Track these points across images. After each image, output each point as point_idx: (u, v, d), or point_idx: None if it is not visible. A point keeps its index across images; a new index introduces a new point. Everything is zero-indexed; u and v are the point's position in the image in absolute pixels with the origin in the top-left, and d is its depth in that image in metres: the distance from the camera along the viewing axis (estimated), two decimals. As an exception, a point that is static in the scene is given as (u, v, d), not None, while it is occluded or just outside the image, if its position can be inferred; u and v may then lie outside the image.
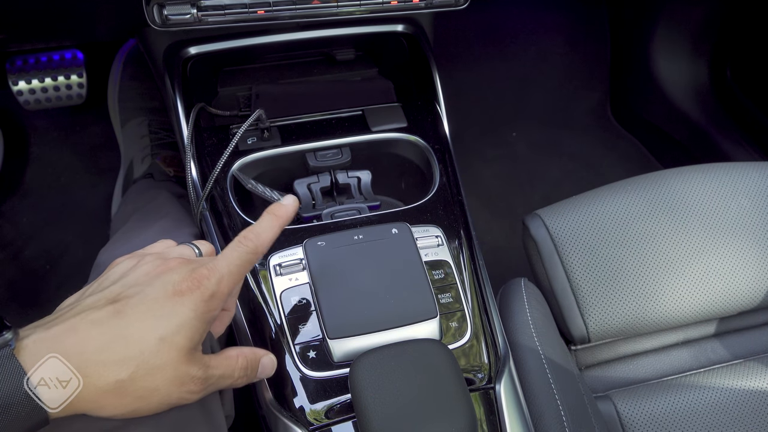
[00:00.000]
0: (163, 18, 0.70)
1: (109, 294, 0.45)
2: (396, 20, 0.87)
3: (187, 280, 0.45)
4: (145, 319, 0.43)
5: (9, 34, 0.86)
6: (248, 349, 0.51)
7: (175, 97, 0.80)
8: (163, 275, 0.46)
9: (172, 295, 0.44)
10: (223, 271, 0.47)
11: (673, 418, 0.72)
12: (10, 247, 1.27)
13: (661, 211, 0.82)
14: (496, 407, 0.60)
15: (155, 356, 0.43)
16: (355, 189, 0.77)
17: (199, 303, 0.45)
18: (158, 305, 0.44)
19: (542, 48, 1.63)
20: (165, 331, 0.43)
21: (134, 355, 0.42)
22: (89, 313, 0.43)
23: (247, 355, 0.50)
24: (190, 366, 0.45)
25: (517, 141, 1.58)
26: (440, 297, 0.63)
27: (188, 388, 0.45)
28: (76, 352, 0.41)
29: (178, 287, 0.45)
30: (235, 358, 0.49)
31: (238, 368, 0.49)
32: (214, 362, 0.47)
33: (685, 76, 1.48)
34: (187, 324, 0.44)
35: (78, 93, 1.22)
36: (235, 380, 0.49)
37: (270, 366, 0.53)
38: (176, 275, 0.46)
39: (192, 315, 0.44)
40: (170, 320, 0.43)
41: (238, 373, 0.49)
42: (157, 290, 0.45)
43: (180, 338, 0.43)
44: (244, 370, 0.50)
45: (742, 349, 0.85)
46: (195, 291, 0.45)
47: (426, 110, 0.84)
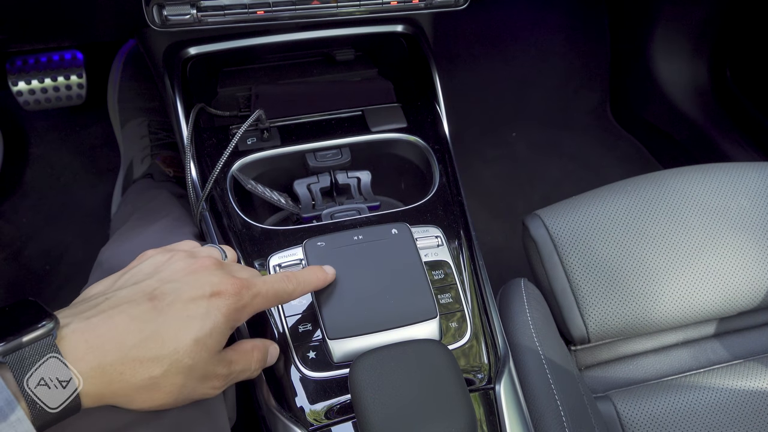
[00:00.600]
0: (163, 18, 0.70)
1: (146, 287, 0.45)
2: (396, 20, 0.87)
3: (226, 283, 0.46)
4: (181, 318, 0.44)
5: (9, 35, 0.86)
6: (259, 341, 0.53)
7: (174, 98, 0.80)
8: (199, 274, 0.47)
9: (210, 296, 0.45)
10: (261, 288, 0.49)
11: (672, 418, 0.72)
12: (10, 248, 1.27)
13: (660, 211, 0.82)
14: (496, 408, 0.60)
15: (188, 356, 0.44)
16: (355, 189, 0.77)
17: (232, 309, 0.46)
18: (194, 305, 0.45)
19: (542, 48, 1.63)
20: (199, 332, 0.44)
21: (168, 353, 0.43)
22: (128, 306, 0.44)
23: (260, 347, 0.52)
24: (217, 365, 0.46)
25: (517, 141, 1.58)
26: (440, 297, 0.63)
27: (212, 384, 0.47)
28: (115, 346, 0.42)
29: (217, 288, 0.46)
30: (251, 351, 0.51)
31: (254, 361, 0.51)
32: (235, 357, 0.49)
33: (685, 76, 1.49)
34: (218, 327, 0.45)
35: (78, 93, 1.22)
36: (252, 372, 0.51)
37: (275, 355, 0.55)
38: (215, 277, 0.47)
39: (223, 320, 0.45)
40: (204, 322, 0.44)
41: (254, 365, 0.51)
42: (194, 289, 0.45)
43: (212, 341, 0.45)
44: (260, 363, 0.52)
45: (742, 350, 0.85)
46: (231, 297, 0.46)
47: (426, 110, 0.84)
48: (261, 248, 0.66)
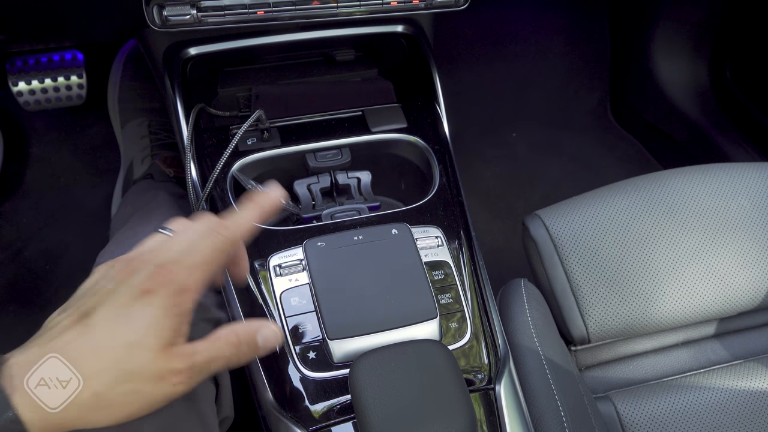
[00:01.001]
0: (163, 19, 0.70)
1: (80, 306, 0.44)
2: (396, 21, 0.87)
3: (150, 278, 0.44)
4: (112, 327, 0.42)
5: (9, 35, 0.86)
6: (241, 324, 0.48)
7: (174, 98, 0.80)
8: (128, 278, 0.45)
9: (139, 296, 0.43)
10: (193, 261, 0.46)
11: (672, 418, 0.72)
12: (10, 248, 1.27)
13: (661, 211, 0.82)
14: (496, 408, 0.60)
15: (128, 362, 0.42)
16: (355, 190, 0.77)
17: (166, 300, 0.44)
18: (123, 311, 0.43)
19: (542, 48, 1.63)
20: (133, 335, 0.42)
21: (107, 366, 0.41)
22: (62, 332, 0.43)
23: (239, 330, 0.47)
24: (170, 361, 0.43)
25: (517, 141, 1.58)
26: (440, 297, 0.63)
27: (171, 381, 0.44)
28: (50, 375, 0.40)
29: (143, 287, 0.44)
30: (224, 338, 0.47)
31: (228, 347, 0.46)
32: (199, 348, 0.45)
33: (685, 76, 1.49)
34: (155, 323, 0.43)
35: (78, 94, 1.22)
36: (228, 360, 0.47)
37: (272, 336, 0.49)
38: (141, 276, 0.44)
39: (160, 313, 0.43)
40: (137, 324, 0.43)
41: (229, 352, 0.46)
42: (122, 295, 0.44)
43: (150, 339, 0.43)
44: (237, 348, 0.47)
45: (742, 350, 0.85)
46: (162, 288, 0.44)
47: (426, 111, 0.84)
48: (261, 248, 0.66)
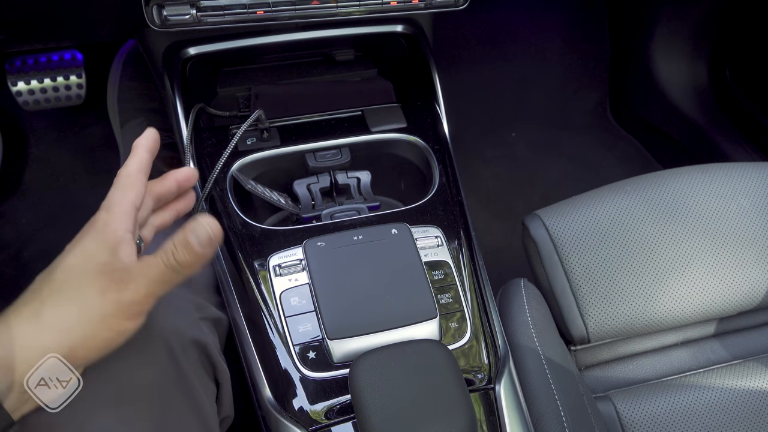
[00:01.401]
0: (163, 18, 0.70)
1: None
2: (395, 21, 0.87)
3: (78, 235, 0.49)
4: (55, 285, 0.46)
5: (8, 35, 0.86)
6: (168, 241, 0.48)
7: (174, 98, 0.79)
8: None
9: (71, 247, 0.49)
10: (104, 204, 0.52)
11: (672, 418, 0.72)
12: (9, 248, 1.27)
13: (660, 211, 0.82)
14: (496, 408, 0.60)
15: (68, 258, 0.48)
16: (355, 189, 0.77)
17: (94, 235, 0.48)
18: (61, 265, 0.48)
19: (541, 48, 1.63)
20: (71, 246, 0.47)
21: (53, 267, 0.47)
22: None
23: (166, 247, 0.47)
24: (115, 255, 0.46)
25: (517, 141, 1.58)
26: (440, 297, 0.63)
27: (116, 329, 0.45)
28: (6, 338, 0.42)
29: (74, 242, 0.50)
30: (154, 259, 0.47)
31: (166, 257, 0.46)
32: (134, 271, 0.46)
33: (685, 76, 1.49)
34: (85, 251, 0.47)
35: (77, 94, 1.22)
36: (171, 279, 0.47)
37: (202, 231, 0.46)
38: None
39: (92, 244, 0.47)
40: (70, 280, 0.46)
41: (168, 261, 0.46)
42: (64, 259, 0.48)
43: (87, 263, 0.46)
44: (173, 254, 0.46)
45: (742, 350, 0.85)
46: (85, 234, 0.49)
47: (425, 111, 0.84)
48: (261, 248, 0.66)
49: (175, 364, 0.52)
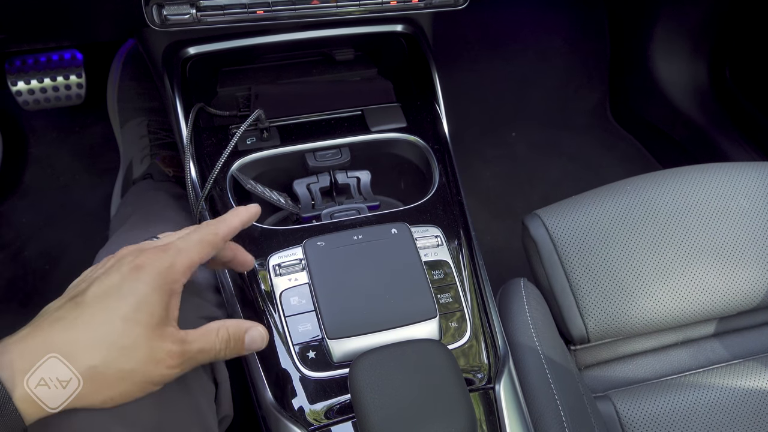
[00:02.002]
0: (162, 18, 0.70)
1: (73, 292, 0.46)
2: (395, 20, 0.87)
3: (143, 256, 0.46)
4: (104, 303, 0.43)
5: (8, 35, 0.86)
6: (232, 321, 0.50)
7: (174, 98, 0.79)
8: (118, 262, 0.46)
9: (128, 273, 0.45)
10: (180, 245, 0.48)
11: (672, 417, 0.72)
12: (9, 248, 1.27)
13: (660, 211, 0.82)
14: (496, 407, 0.60)
15: (123, 337, 0.43)
16: (355, 189, 0.77)
17: (155, 276, 0.45)
18: (115, 288, 0.44)
19: (542, 48, 1.63)
20: (125, 310, 0.43)
21: (101, 338, 0.42)
22: (51, 312, 0.44)
23: (230, 327, 0.49)
24: (163, 342, 0.44)
25: (517, 141, 1.58)
26: (440, 297, 0.63)
27: (166, 363, 0.44)
28: (43, 349, 0.41)
29: (133, 264, 0.45)
30: (215, 331, 0.48)
31: (219, 341, 0.48)
32: (191, 336, 0.47)
33: (685, 76, 1.49)
34: (145, 300, 0.44)
35: (77, 93, 1.22)
36: (216, 353, 0.48)
37: (259, 338, 0.51)
38: (131, 256, 0.46)
39: (149, 290, 0.44)
40: (128, 299, 0.43)
41: (219, 345, 0.48)
42: (112, 275, 0.45)
43: (142, 315, 0.43)
44: (226, 343, 0.49)
45: (741, 349, 0.85)
46: (149, 265, 0.45)
47: (425, 110, 0.84)
48: (260, 248, 0.66)
49: None
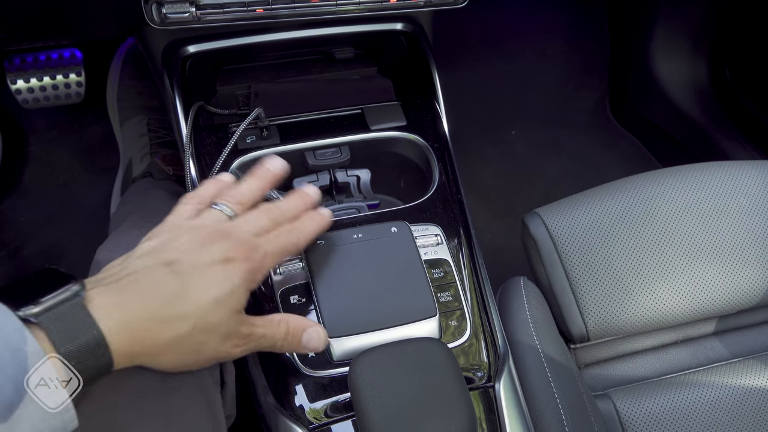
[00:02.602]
0: (162, 16, 0.70)
1: (160, 257, 0.47)
2: (395, 19, 0.87)
3: (235, 249, 0.48)
4: (201, 280, 0.46)
5: (7, 33, 0.86)
6: (294, 317, 0.53)
7: (173, 96, 0.79)
8: (208, 244, 0.48)
9: (223, 261, 0.47)
10: (267, 248, 0.51)
11: (672, 416, 0.72)
12: (8, 246, 1.27)
13: (660, 209, 0.82)
14: (496, 406, 0.60)
15: (211, 314, 0.46)
16: (355, 188, 0.77)
17: (246, 272, 0.48)
18: (211, 269, 0.47)
19: (541, 47, 1.63)
20: (219, 292, 0.46)
21: (193, 311, 0.45)
22: (147, 272, 0.46)
23: (290, 321, 0.52)
24: (239, 324, 0.48)
25: (517, 140, 1.58)
26: (439, 296, 0.63)
27: (234, 342, 0.48)
28: (141, 306, 0.44)
29: (228, 255, 0.48)
30: (278, 322, 0.51)
31: (280, 332, 0.51)
32: (259, 322, 0.50)
33: (685, 74, 1.49)
34: (237, 288, 0.47)
35: (77, 92, 1.21)
36: (275, 343, 0.51)
37: (317, 338, 0.53)
38: (223, 245, 0.48)
39: (239, 282, 0.48)
40: (223, 284, 0.47)
41: (279, 336, 0.51)
42: (207, 255, 0.47)
43: (233, 300, 0.47)
44: (286, 336, 0.51)
45: (741, 348, 0.85)
46: (243, 262, 0.48)
47: (425, 109, 0.84)
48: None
49: None
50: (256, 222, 0.53)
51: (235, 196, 0.55)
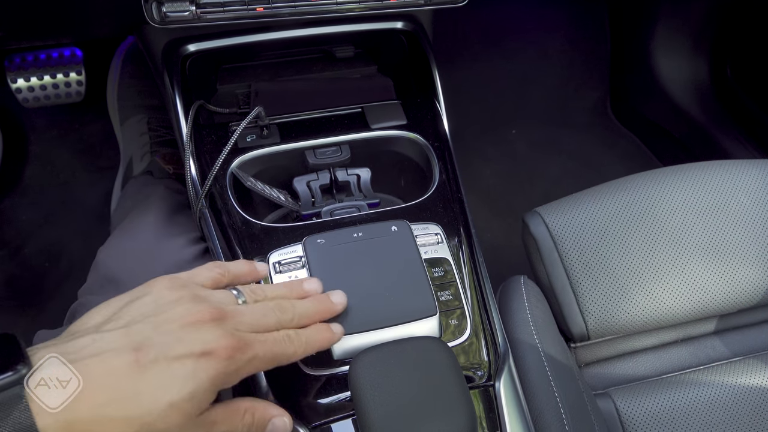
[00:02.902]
0: (162, 15, 0.70)
1: (134, 335, 0.43)
2: (395, 17, 0.87)
3: (219, 343, 0.43)
4: (162, 379, 0.42)
5: (7, 32, 0.86)
6: (261, 404, 0.49)
7: (174, 95, 0.79)
8: (194, 327, 0.44)
9: (198, 355, 0.43)
10: (258, 351, 0.45)
11: (672, 415, 0.72)
12: (9, 245, 1.27)
13: (660, 208, 0.82)
14: (496, 405, 0.60)
15: (161, 420, 0.41)
16: (355, 186, 0.77)
17: (220, 373, 0.43)
18: (180, 365, 0.42)
19: (542, 46, 1.62)
20: (177, 396, 0.41)
21: (141, 415, 0.41)
22: (108, 356, 0.41)
23: (256, 412, 0.48)
24: (194, 428, 0.43)
25: (517, 139, 1.58)
26: (440, 294, 0.63)
27: None
28: (87, 404, 0.40)
29: (208, 347, 0.43)
30: (242, 413, 0.47)
31: (242, 424, 0.47)
32: (220, 417, 0.45)
33: (685, 73, 1.48)
34: (200, 391, 0.43)
35: (77, 91, 1.22)
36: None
37: (282, 428, 0.49)
38: (210, 334, 0.44)
39: (209, 384, 0.43)
40: (185, 385, 0.42)
41: (242, 428, 0.47)
42: (183, 345, 0.43)
43: (190, 405, 0.42)
44: (249, 428, 0.47)
45: (742, 347, 0.85)
46: (222, 360, 0.43)
47: (426, 108, 0.84)
48: (260, 245, 0.66)
49: None
50: (262, 316, 0.48)
51: (258, 293, 0.51)
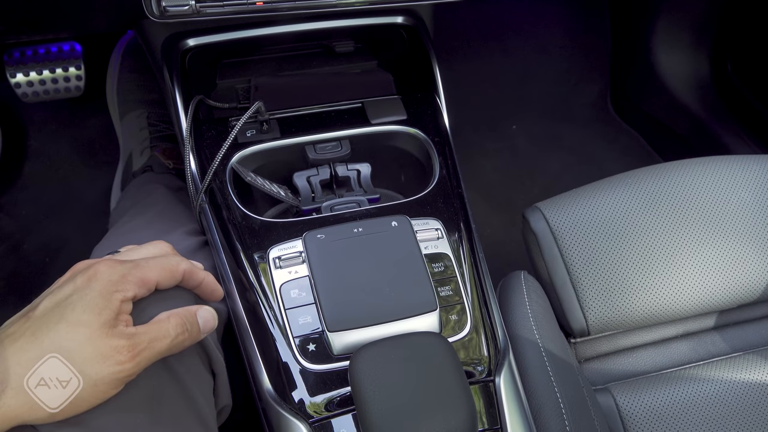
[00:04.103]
0: (161, 9, 0.70)
1: (29, 306, 0.46)
2: (396, 12, 0.87)
3: (94, 266, 0.46)
4: (52, 313, 0.44)
5: (6, 26, 0.85)
6: (182, 309, 0.50)
7: (173, 90, 0.79)
8: (72, 276, 0.47)
9: (81, 283, 0.45)
10: (139, 263, 0.48)
11: (672, 410, 0.72)
12: (8, 240, 1.27)
13: (661, 204, 0.82)
14: (496, 400, 0.60)
15: (66, 340, 0.42)
16: (355, 182, 0.77)
17: (106, 283, 0.45)
18: (65, 298, 0.44)
19: (542, 41, 1.62)
20: (71, 315, 0.43)
21: (47, 345, 0.42)
22: (5, 329, 0.44)
23: (180, 313, 0.49)
24: (110, 339, 0.44)
25: (517, 134, 1.57)
26: (440, 290, 0.63)
27: (115, 359, 0.44)
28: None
29: (86, 275, 0.45)
30: (166, 319, 0.48)
31: (171, 327, 0.48)
32: (142, 329, 0.46)
33: (686, 68, 1.48)
34: (92, 303, 0.44)
35: (76, 85, 1.21)
36: (173, 340, 0.48)
37: (210, 317, 0.51)
38: (85, 270, 0.46)
39: (96, 294, 0.44)
40: (76, 305, 0.44)
41: (174, 331, 0.48)
42: (65, 288, 0.45)
43: (87, 316, 0.43)
44: (181, 327, 0.48)
45: (742, 342, 0.85)
46: (102, 274, 0.45)
47: (426, 103, 0.84)
48: (261, 241, 0.66)
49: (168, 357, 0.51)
50: (136, 251, 0.53)
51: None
